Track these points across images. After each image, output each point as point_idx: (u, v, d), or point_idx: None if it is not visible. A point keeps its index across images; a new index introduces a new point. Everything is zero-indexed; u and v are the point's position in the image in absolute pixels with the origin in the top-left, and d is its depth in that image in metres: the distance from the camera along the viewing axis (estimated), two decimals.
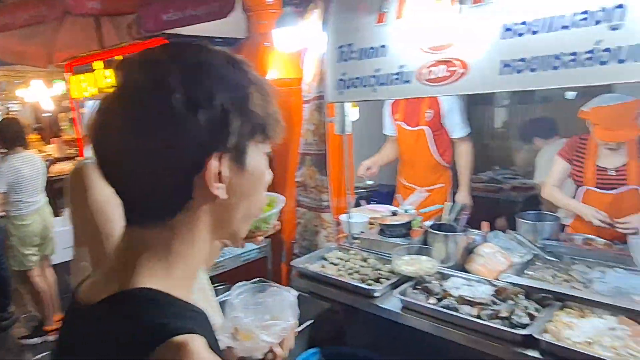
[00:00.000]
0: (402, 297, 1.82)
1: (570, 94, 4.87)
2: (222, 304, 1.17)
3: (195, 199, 0.62)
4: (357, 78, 2.13)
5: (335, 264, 2.25)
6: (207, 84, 0.59)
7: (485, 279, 1.91)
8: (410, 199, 2.94)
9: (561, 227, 2.44)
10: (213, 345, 0.59)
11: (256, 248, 2.65)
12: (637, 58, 1.38)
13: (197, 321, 0.61)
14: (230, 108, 0.60)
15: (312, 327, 2.10)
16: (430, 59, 1.88)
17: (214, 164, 0.60)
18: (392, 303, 1.88)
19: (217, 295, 1.56)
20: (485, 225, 2.45)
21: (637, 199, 2.36)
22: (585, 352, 1.41)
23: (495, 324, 1.59)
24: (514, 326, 1.58)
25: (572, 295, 1.71)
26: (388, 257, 2.17)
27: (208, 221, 0.65)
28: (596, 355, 1.39)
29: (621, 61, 1.41)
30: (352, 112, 2.80)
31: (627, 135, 2.24)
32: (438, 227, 2.19)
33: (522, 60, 1.61)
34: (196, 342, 0.55)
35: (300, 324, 2.14)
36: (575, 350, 1.42)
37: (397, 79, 1.99)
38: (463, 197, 3.18)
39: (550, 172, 2.63)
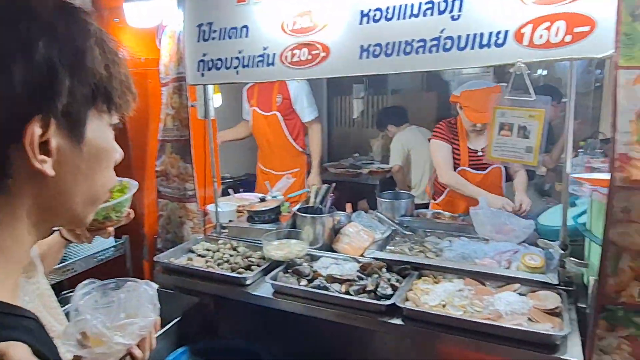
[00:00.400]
0: (274, 282, 1.81)
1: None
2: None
3: (14, 177, 0.50)
4: (219, 59, 2.03)
5: (203, 256, 2.15)
6: (25, 30, 0.48)
7: (352, 257, 1.99)
8: (278, 185, 2.94)
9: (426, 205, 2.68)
10: (48, 353, 0.49)
11: (112, 245, 2.40)
12: (474, 46, 1.53)
13: (23, 327, 0.50)
14: (57, 62, 0.49)
15: (180, 324, 1.97)
16: (293, 42, 1.87)
17: (35, 131, 0.49)
18: (264, 289, 1.86)
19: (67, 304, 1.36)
20: (349, 206, 2.56)
21: (499, 176, 2.71)
22: (440, 314, 1.55)
23: (362, 298, 1.66)
24: (379, 298, 1.67)
25: (426, 264, 1.88)
26: (258, 243, 2.13)
27: (35, 205, 0.53)
28: (449, 315, 1.54)
29: (461, 49, 1.57)
30: (216, 98, 2.69)
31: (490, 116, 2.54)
32: (305, 210, 2.22)
33: (378, 45, 1.69)
34: (17, 350, 0.45)
35: (167, 323, 2.02)
36: (432, 313, 1.55)
37: (260, 61, 1.94)
38: (314, 178, 3.33)
39: (437, 158, 2.77)
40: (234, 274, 1.92)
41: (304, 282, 1.81)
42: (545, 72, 5.27)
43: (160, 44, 2.36)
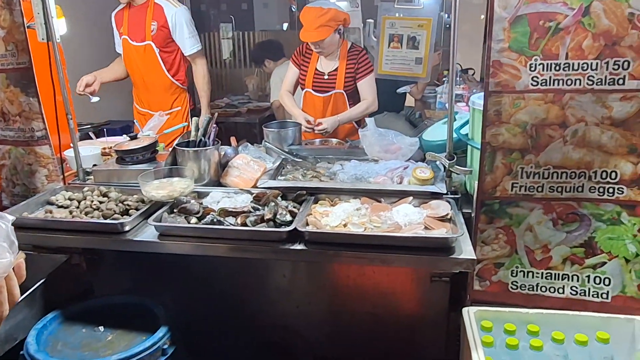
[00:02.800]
0: (158, 224, 1.60)
1: None
2: None
3: None
4: None
5: (65, 207, 1.82)
6: None
7: (244, 190, 1.85)
8: (150, 123, 2.62)
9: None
10: None
11: None
12: None
13: None
14: None
15: (46, 287, 1.67)
16: None
17: None
18: (146, 234, 1.63)
19: None
20: (233, 140, 2.39)
21: (342, 101, 2.72)
22: (343, 232, 1.52)
23: (261, 228, 1.55)
24: (278, 226, 1.58)
25: (322, 188, 1.82)
26: (134, 186, 1.87)
27: None
28: (351, 233, 1.51)
29: None
30: (60, 24, 2.22)
31: (317, 36, 2.52)
32: (186, 144, 1.99)
33: None
34: None
35: (28, 288, 1.70)
36: (334, 233, 1.51)
37: None
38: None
39: (284, 78, 2.79)
40: (109, 221, 1.66)
41: (193, 220, 1.63)
42: None
43: None
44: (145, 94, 3.00)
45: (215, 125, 2.02)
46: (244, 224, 1.58)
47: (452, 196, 1.74)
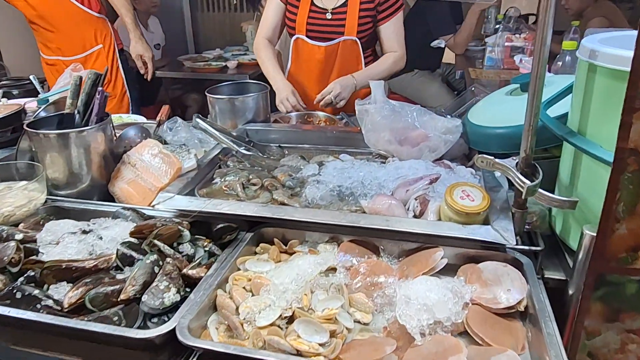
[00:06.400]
0: None
1: None
2: None
3: None
4: None
5: None
6: None
7: (135, 208, 1.01)
8: (60, 81, 1.78)
9: None
10: None
11: None
12: None
13: None
14: None
15: None
16: None
17: None
18: None
19: None
20: (164, 110, 1.52)
21: (354, 56, 1.78)
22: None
23: (102, 317, 0.72)
24: (150, 315, 0.74)
25: (267, 218, 0.95)
26: None
27: None
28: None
29: None
30: None
31: None
32: (51, 122, 1.15)
33: None
34: None
35: None
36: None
37: None
38: (136, 49, 2.20)
39: (262, 18, 1.88)
40: None
41: None
42: None
43: None
44: (50, 35, 2.14)
45: (101, 90, 1.15)
46: (76, 306, 0.75)
47: (524, 248, 0.85)
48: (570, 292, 0.80)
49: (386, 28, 1.75)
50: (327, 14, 1.75)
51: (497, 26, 3.12)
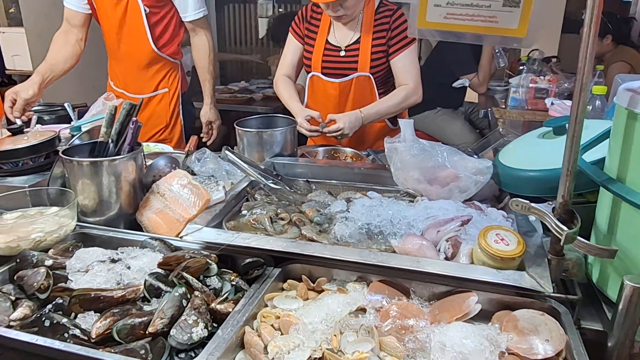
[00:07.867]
0: None
1: None
2: None
3: None
4: None
5: None
6: None
7: (162, 239, 1.01)
8: (92, 110, 1.83)
9: None
10: None
11: None
12: None
13: None
14: None
15: None
16: None
17: None
18: None
19: None
20: (192, 141, 1.54)
21: (368, 91, 1.80)
22: None
23: (129, 350, 0.71)
24: (177, 350, 0.72)
25: (295, 254, 0.94)
26: None
27: None
28: None
29: None
30: None
31: None
32: (83, 149, 1.17)
33: None
34: None
35: None
36: None
37: None
38: (205, 111, 2.28)
39: (281, 56, 1.95)
40: None
41: (20, 311, 0.81)
42: None
43: None
44: (119, 67, 2.21)
45: (135, 120, 1.18)
46: (105, 338, 0.74)
47: (561, 296, 0.82)
48: (610, 344, 0.76)
49: (397, 61, 1.78)
50: (341, 51, 1.79)
51: (522, 66, 3.14)
